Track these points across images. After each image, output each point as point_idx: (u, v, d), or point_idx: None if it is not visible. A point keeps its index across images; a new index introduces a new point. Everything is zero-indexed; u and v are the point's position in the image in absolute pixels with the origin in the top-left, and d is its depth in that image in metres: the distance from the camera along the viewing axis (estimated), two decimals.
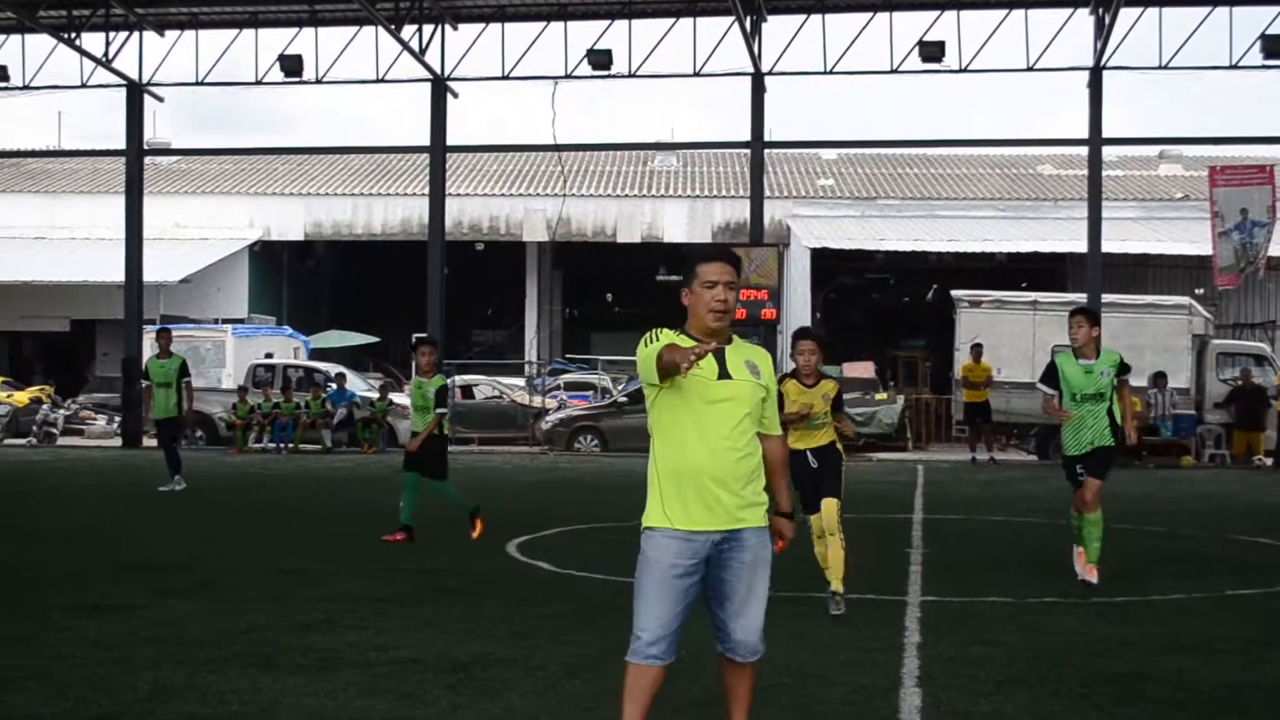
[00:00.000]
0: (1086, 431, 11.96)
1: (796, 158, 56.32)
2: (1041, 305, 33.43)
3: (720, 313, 5.99)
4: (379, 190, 52.88)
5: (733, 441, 5.96)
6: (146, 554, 13.86)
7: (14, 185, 54.43)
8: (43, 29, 33.24)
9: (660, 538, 5.96)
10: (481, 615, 10.34)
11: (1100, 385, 11.90)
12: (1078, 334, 11.99)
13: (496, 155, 53.16)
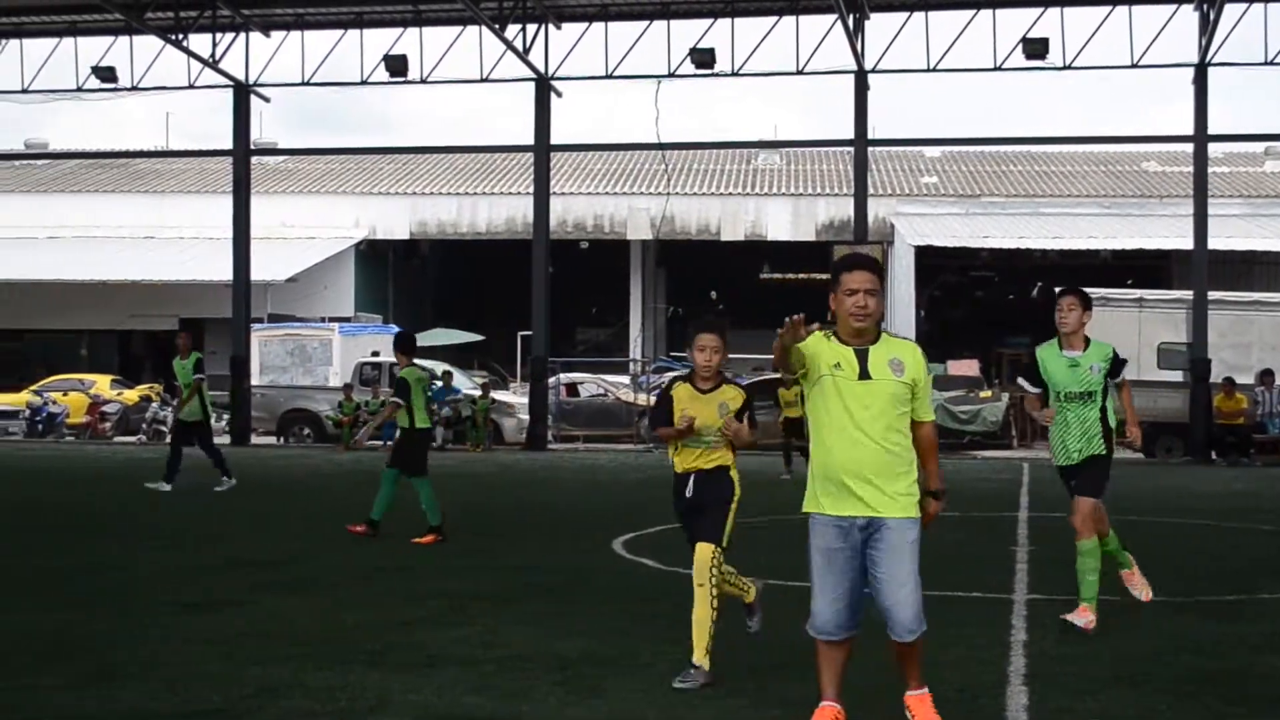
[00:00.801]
0: (1072, 438, 10.05)
1: (900, 155, 55.95)
2: (1147, 303, 32.97)
3: (861, 317, 6.58)
4: (483, 189, 53.14)
5: (872, 438, 6.51)
6: (249, 550, 13.97)
7: (123, 185, 55.30)
8: (150, 31, 33.69)
9: (816, 523, 6.65)
10: (587, 612, 10.31)
11: (1088, 382, 9.94)
12: (1067, 318, 10.03)
13: (600, 154, 53.26)
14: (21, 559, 13.35)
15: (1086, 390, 9.95)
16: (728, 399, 8.31)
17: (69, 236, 51.57)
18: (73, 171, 57.82)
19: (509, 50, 33.27)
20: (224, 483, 20.59)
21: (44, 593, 11.19)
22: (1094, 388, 9.94)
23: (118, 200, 53.70)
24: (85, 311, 47.99)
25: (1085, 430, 9.96)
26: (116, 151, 53.33)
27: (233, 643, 9.06)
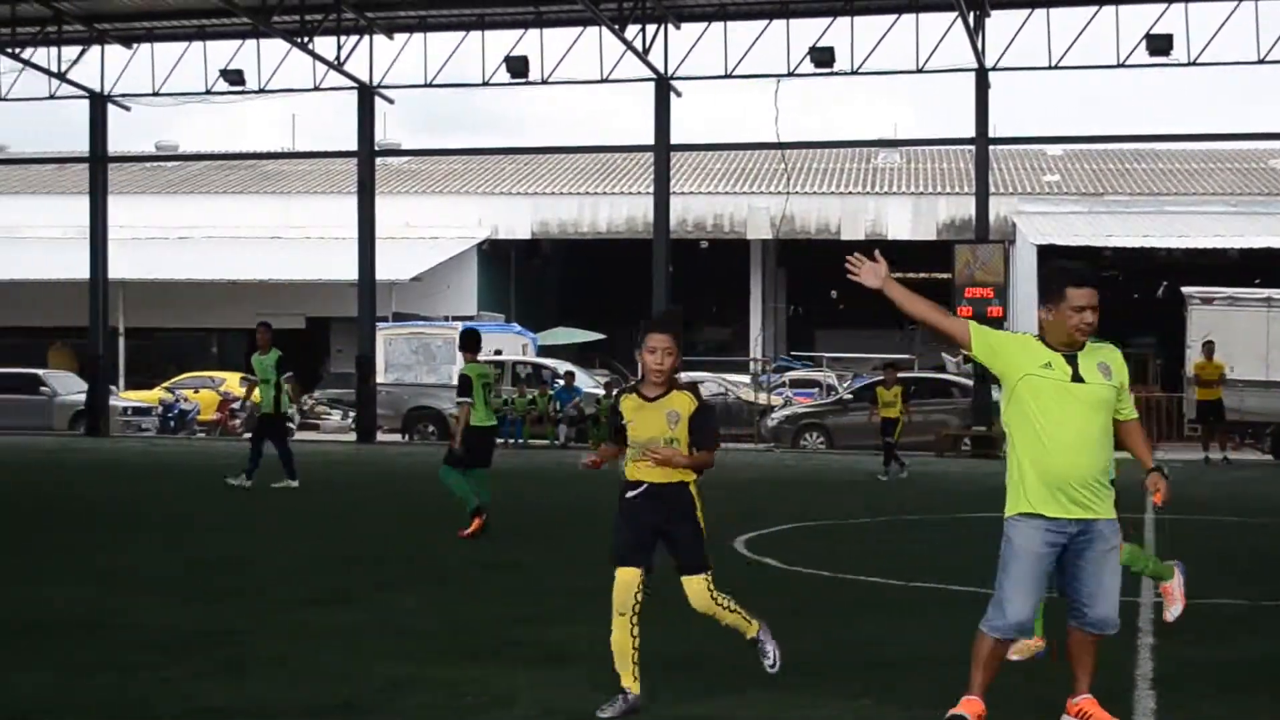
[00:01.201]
0: None
1: (1021, 154, 55.34)
2: (1275, 303, 32.44)
3: (1085, 333, 6.65)
4: (604, 189, 53.32)
5: (1086, 441, 6.60)
6: (371, 547, 14.15)
7: (250, 186, 56.15)
8: (277, 34, 34.20)
9: (1025, 525, 6.63)
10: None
11: None
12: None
13: (720, 153, 53.20)
14: (152, 553, 13.64)
15: None
16: (678, 406, 7.37)
17: (198, 237, 52.47)
18: (202, 173, 58.82)
19: (629, 50, 33.38)
20: (284, 482, 20.25)
21: (174, 586, 11.42)
22: None
23: (245, 201, 54.55)
24: (215, 310, 48.78)
25: None
26: (244, 153, 54.18)
27: (358, 638, 9.19)
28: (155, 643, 8.96)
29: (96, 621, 9.67)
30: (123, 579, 11.78)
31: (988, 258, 32.09)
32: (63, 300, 45.65)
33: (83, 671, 8.05)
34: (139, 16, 35.65)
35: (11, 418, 37.50)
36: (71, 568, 12.47)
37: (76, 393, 38.26)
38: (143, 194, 54.72)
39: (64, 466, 26.21)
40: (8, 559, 13.14)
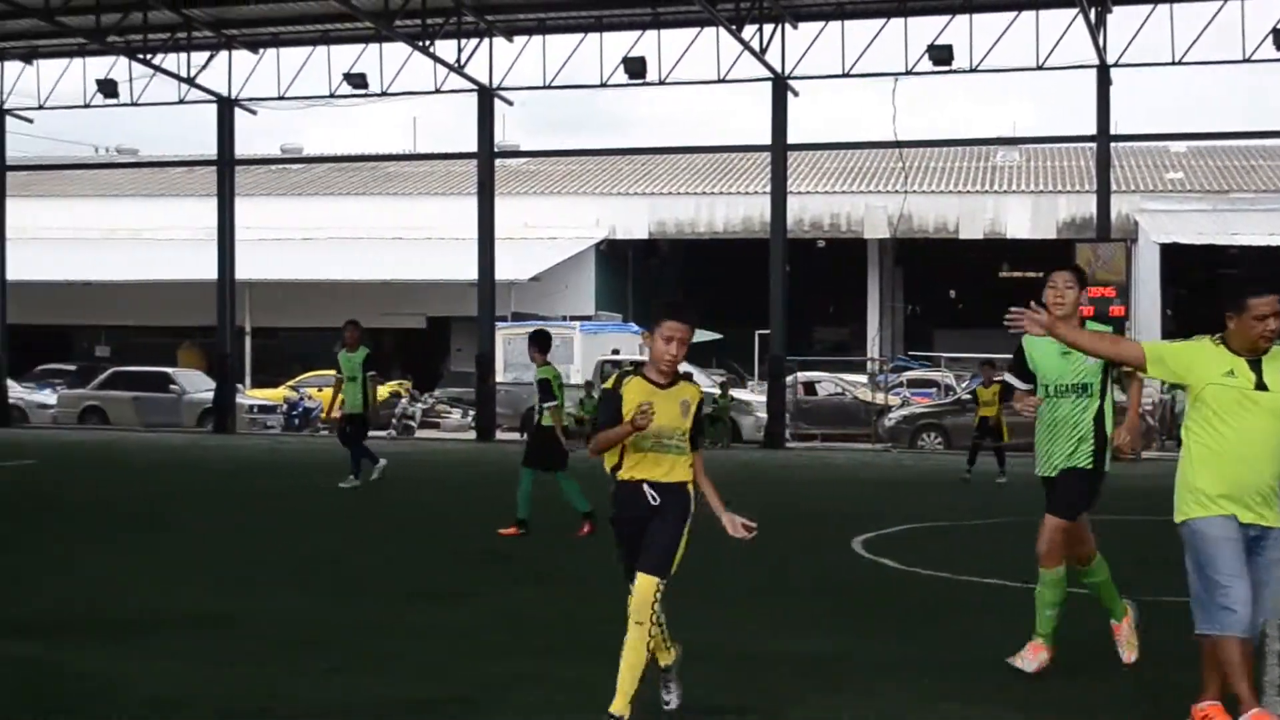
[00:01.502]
0: (1060, 443, 8.36)
1: (1144, 151, 54.58)
2: None
3: (1269, 340, 6.60)
4: (721, 189, 53.38)
5: (1266, 449, 6.58)
6: (492, 543, 14.33)
7: (372, 188, 56.87)
8: (399, 38, 34.61)
9: (1223, 525, 6.56)
10: (828, 612, 10.37)
11: (1084, 373, 8.30)
12: (1063, 298, 8.34)
13: (837, 153, 53.07)
14: (278, 549, 13.93)
15: (1081, 382, 8.31)
16: (689, 396, 7.05)
17: (322, 238, 53.23)
18: (325, 175, 59.65)
19: (746, 50, 33.40)
20: (349, 480, 20.06)
21: (296, 582, 11.66)
22: (1090, 379, 8.30)
23: (368, 202, 55.27)
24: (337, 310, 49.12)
25: (1076, 433, 8.30)
26: (366, 155, 54.86)
27: (476, 635, 9.33)
28: (280, 638, 9.16)
29: (223, 617, 9.91)
30: (248, 575, 12.05)
31: (1109, 256, 31.72)
32: (191, 300, 46.54)
33: (211, 666, 8.26)
34: (265, 22, 36.23)
35: (143, 415, 38.43)
36: (198, 564, 12.77)
37: (204, 391, 39.00)
38: (268, 196, 55.60)
39: (191, 464, 26.75)
40: (139, 557, 13.47)
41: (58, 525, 15.91)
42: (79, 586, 11.27)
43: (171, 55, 37.02)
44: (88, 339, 57.30)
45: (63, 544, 14.05)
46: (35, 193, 57.23)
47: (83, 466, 25.73)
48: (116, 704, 7.22)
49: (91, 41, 35.94)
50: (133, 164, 57.43)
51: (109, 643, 8.92)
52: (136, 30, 35.55)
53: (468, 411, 39.81)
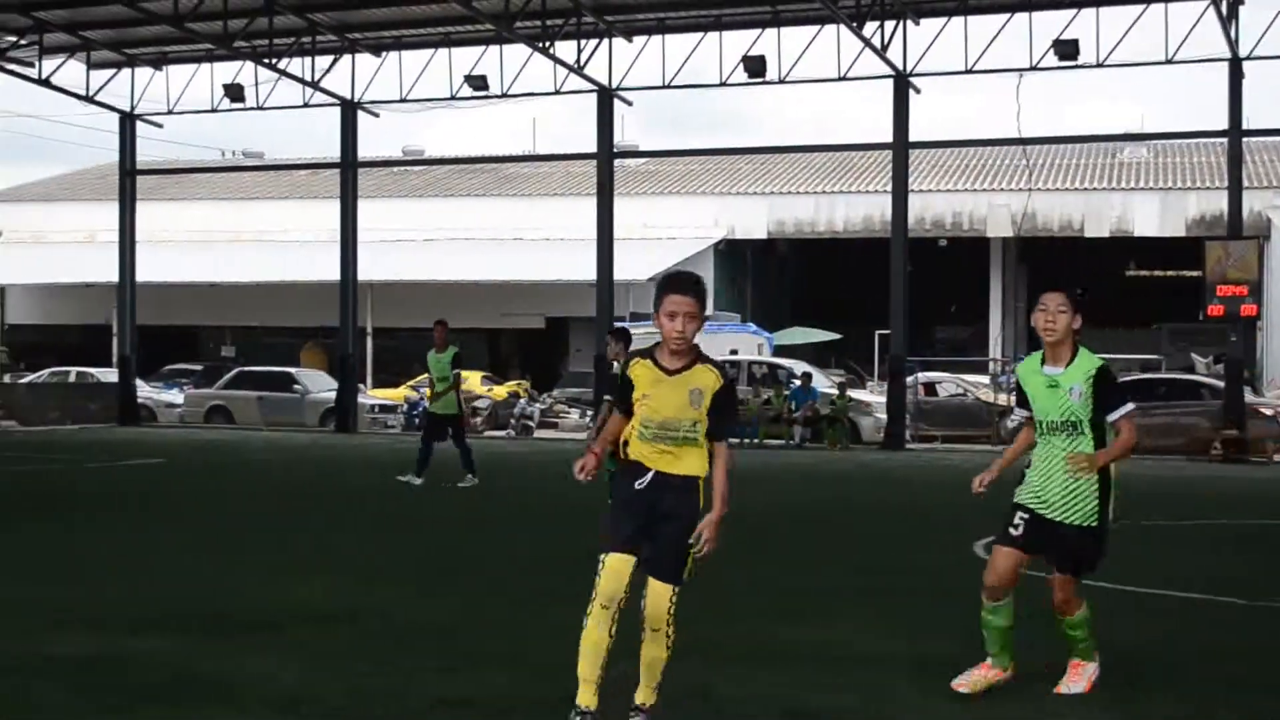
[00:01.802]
0: (1054, 488, 7.58)
1: (1277, 146, 53.50)
2: None
3: None
4: (841, 188, 53.10)
5: None
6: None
7: (492, 189, 57.27)
8: (519, 39, 34.79)
9: None
10: (947, 614, 10.24)
11: (1070, 409, 7.45)
12: (1053, 323, 7.49)
13: (959, 150, 52.61)
14: (400, 547, 14.03)
15: (1068, 420, 7.47)
16: (701, 383, 6.41)
17: (442, 239, 53.70)
18: (446, 176, 60.16)
19: (867, 47, 33.18)
20: (467, 479, 20.16)
21: (419, 580, 11.73)
22: (1078, 416, 7.44)
23: (488, 203, 55.67)
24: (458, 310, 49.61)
25: (1076, 485, 7.49)
26: (487, 157, 55.22)
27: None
28: (400, 636, 9.21)
29: (346, 614, 9.98)
30: (370, 573, 12.14)
31: (1241, 254, 31.11)
32: (314, 301, 47.16)
33: (333, 663, 8.32)
34: (388, 25, 36.61)
35: (266, 414, 39.00)
36: (322, 561, 12.89)
37: (326, 391, 39.49)
38: (391, 198, 56.22)
39: (314, 463, 27.07)
40: (264, 554, 13.63)
41: (184, 523, 16.14)
42: (206, 584, 11.41)
43: (296, 59, 37.52)
44: (214, 339, 58.31)
45: (190, 542, 14.25)
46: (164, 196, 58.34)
47: (209, 465, 26.14)
48: (238, 701, 7.29)
49: (219, 47, 36.53)
50: (258, 167, 58.27)
51: (233, 639, 9.02)
52: (262, 35, 36.07)
53: (585, 411, 39.93)
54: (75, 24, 37.02)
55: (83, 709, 7.13)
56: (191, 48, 38.07)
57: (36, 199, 62.68)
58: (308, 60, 37.60)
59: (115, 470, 24.25)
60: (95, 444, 30.80)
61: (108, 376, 43.23)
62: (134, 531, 15.18)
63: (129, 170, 40.82)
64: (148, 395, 42.21)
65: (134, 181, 41.22)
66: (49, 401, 40.70)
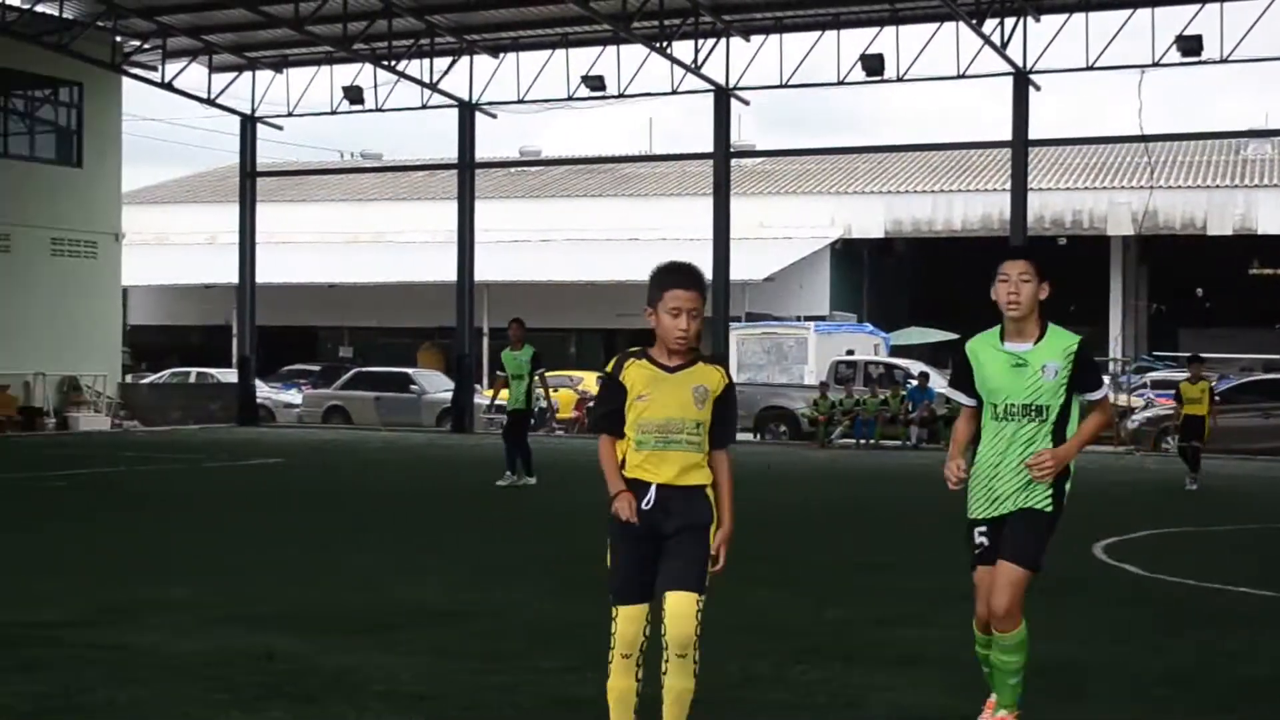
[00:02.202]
0: (1005, 479, 6.59)
1: None
2: None
3: None
4: (959, 187, 52.65)
5: None
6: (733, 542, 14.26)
7: (609, 189, 57.42)
8: (636, 39, 34.83)
9: None
10: (1067, 617, 10.13)
11: (1039, 391, 6.52)
12: (1016, 294, 6.66)
13: (1079, 148, 51.94)
14: (511, 547, 14.10)
15: (1035, 403, 6.52)
16: (707, 381, 5.92)
17: (559, 239, 53.94)
18: (562, 177, 60.41)
19: (986, 45, 32.85)
20: (521, 478, 20.04)
21: (536, 579, 11.78)
22: (1047, 400, 6.51)
23: (604, 204, 55.82)
24: (574, 311, 50.07)
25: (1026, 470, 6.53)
26: (603, 157, 55.37)
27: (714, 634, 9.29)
28: (518, 634, 9.26)
29: (463, 613, 10.04)
30: (487, 572, 12.21)
31: None
32: (431, 301, 47.56)
33: (452, 659, 8.38)
34: (506, 27, 36.80)
35: (383, 414, 39.39)
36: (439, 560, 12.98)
37: (443, 391, 39.78)
38: (508, 198, 56.56)
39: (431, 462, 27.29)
40: (382, 553, 13.76)
41: (303, 522, 16.34)
42: (324, 581, 11.54)
43: (415, 61, 37.83)
44: (332, 340, 59.02)
45: (308, 540, 14.43)
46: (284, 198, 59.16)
47: (326, 465, 26.44)
48: (355, 699, 7.36)
49: (338, 49, 36.92)
50: (377, 168, 58.84)
51: (351, 636, 9.11)
52: (382, 38, 36.42)
53: None
54: (198, 28, 37.62)
55: (212, 705, 7.25)
56: (311, 50, 38.52)
57: (159, 201, 63.79)
58: (426, 62, 37.89)
59: (234, 470, 24.61)
60: (215, 444, 31.28)
61: (228, 377, 43.87)
62: (254, 531, 15.39)
63: (249, 172, 41.39)
64: (267, 395, 42.77)
65: (254, 183, 41.79)
66: (170, 402, 41.38)
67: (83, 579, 11.31)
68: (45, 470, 23.12)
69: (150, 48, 38.63)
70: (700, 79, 35.80)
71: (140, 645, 8.71)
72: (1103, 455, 31.32)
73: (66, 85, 38.50)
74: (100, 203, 39.09)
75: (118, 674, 7.91)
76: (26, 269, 36.76)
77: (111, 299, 39.96)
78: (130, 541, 14.21)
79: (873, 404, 33.96)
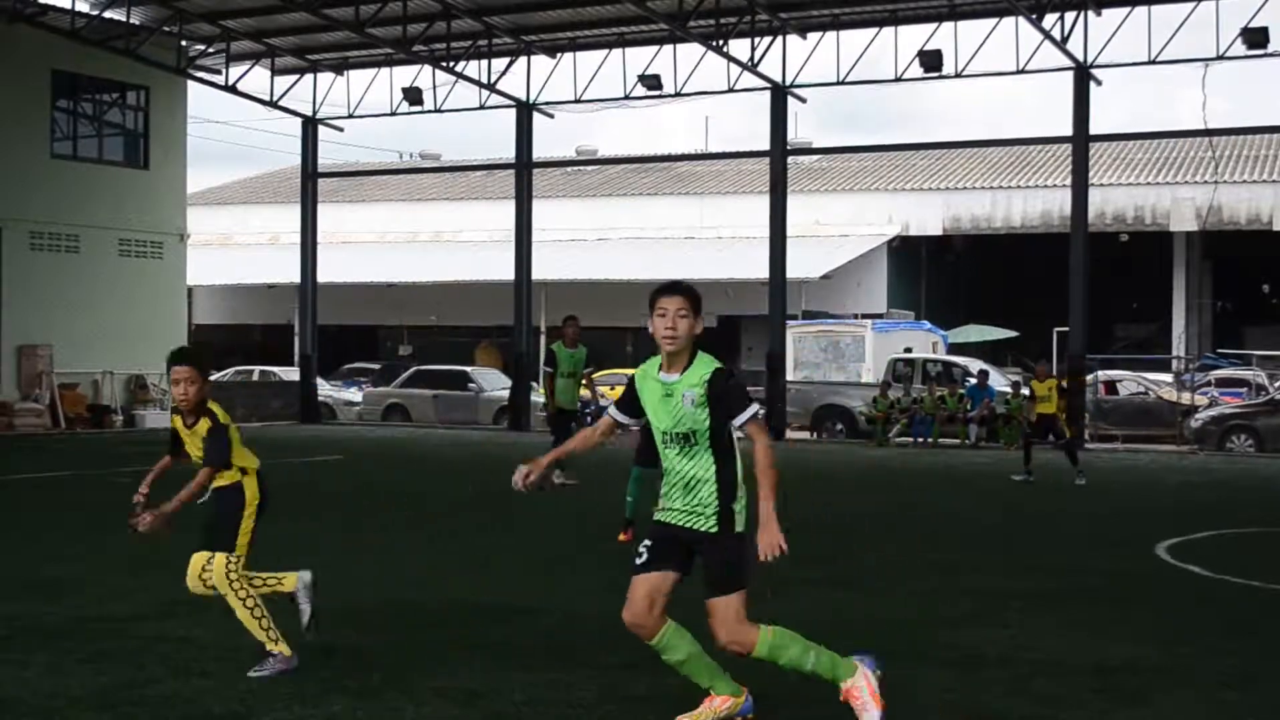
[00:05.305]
0: (676, 496, 6.85)
1: None
2: None
3: None
4: (1018, 183, 52.34)
5: None
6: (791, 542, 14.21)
7: (665, 188, 57.41)
8: (693, 38, 34.79)
9: None
10: (1129, 618, 10.05)
11: (682, 418, 6.71)
12: (673, 329, 6.68)
13: (1141, 143, 51.49)
14: (575, 543, 14.11)
15: (681, 431, 6.73)
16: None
17: (615, 238, 53.99)
18: (619, 176, 60.46)
19: (1046, 40, 32.62)
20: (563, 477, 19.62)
21: (597, 576, 11.77)
22: (691, 426, 6.70)
23: (661, 202, 55.82)
24: (631, 309, 49.85)
25: (693, 493, 6.78)
26: (660, 155, 55.36)
27: None
28: (577, 631, 9.27)
29: (524, 610, 10.06)
30: (549, 568, 12.23)
31: None
32: (489, 300, 47.72)
33: (510, 656, 8.40)
34: (563, 27, 36.86)
35: (442, 412, 39.57)
36: (501, 557, 13.01)
37: (501, 389, 39.89)
38: (564, 198, 56.65)
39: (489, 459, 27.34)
40: (444, 550, 13.80)
41: (363, 518, 16.42)
42: (384, 577, 11.59)
43: (473, 62, 37.94)
44: (392, 338, 59.29)
45: (368, 536, 14.50)
46: (344, 198, 59.51)
47: (387, 462, 26.59)
48: (413, 693, 7.40)
49: (398, 51, 37.10)
50: (435, 169, 59.02)
51: (410, 632, 9.16)
52: (440, 39, 36.57)
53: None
54: (260, 32, 37.91)
55: (274, 698, 7.33)
56: (371, 52, 38.72)
57: (222, 202, 64.30)
58: (484, 63, 37.99)
59: (296, 467, 24.75)
60: (277, 441, 31.47)
61: (290, 375, 44.15)
62: (315, 527, 15.47)
63: (311, 173, 41.63)
64: (328, 393, 43.02)
65: (315, 184, 42.02)
66: (234, 399, 41.58)
67: (148, 573, 11.40)
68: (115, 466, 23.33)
69: (214, 51, 38.93)
70: (757, 77, 35.72)
71: (204, 639, 8.82)
72: (1165, 455, 31.09)
73: (133, 89, 38.88)
74: (166, 204, 39.48)
75: (182, 667, 8.04)
76: (95, 269, 37.19)
77: (177, 298, 40.32)
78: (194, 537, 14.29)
79: (930, 402, 33.81)
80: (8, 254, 35.41)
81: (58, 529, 15.02)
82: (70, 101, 38.10)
